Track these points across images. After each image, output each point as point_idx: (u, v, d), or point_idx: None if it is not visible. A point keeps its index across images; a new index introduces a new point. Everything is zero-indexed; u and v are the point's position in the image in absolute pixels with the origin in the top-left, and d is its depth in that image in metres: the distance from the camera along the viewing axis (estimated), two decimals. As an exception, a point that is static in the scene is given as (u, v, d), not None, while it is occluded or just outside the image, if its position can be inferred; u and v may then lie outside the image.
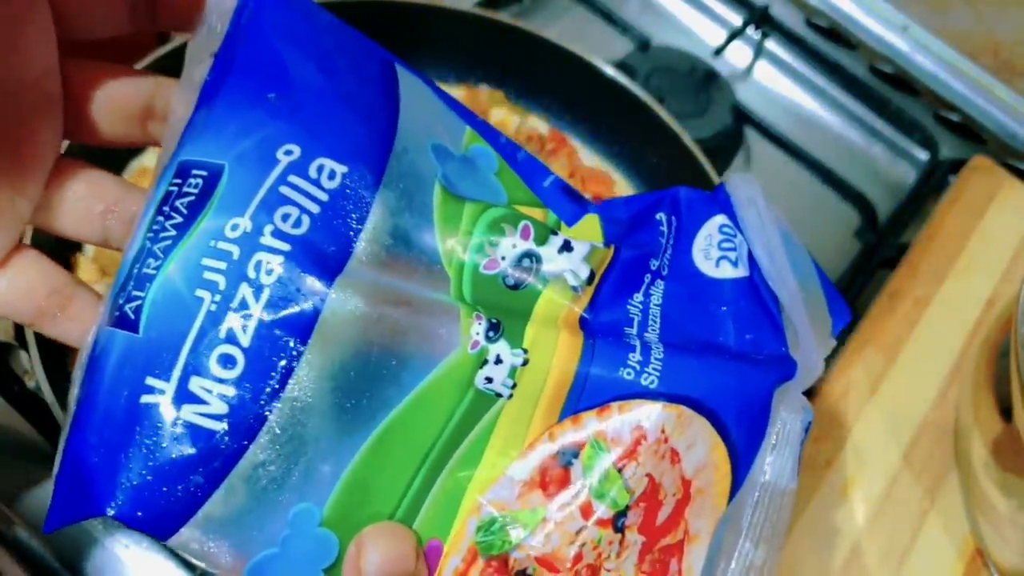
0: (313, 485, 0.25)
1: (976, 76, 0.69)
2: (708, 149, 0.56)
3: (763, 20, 0.72)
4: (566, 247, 0.29)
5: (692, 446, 0.27)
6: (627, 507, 0.26)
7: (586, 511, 0.26)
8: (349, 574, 0.25)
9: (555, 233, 0.29)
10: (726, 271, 0.30)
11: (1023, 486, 0.43)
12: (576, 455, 0.26)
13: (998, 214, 0.59)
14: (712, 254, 0.30)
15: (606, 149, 0.62)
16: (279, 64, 0.26)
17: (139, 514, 0.23)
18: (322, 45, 0.28)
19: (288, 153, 0.25)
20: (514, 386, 0.26)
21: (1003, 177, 0.62)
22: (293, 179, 0.25)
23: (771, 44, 0.74)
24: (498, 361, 0.26)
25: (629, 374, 0.27)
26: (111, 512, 0.23)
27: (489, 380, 0.26)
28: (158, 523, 0.24)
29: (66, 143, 0.27)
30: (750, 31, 0.72)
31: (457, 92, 0.58)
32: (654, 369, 0.27)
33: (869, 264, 0.61)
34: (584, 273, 0.29)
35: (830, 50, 0.72)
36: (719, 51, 0.71)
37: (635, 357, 0.27)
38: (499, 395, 0.26)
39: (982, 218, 0.59)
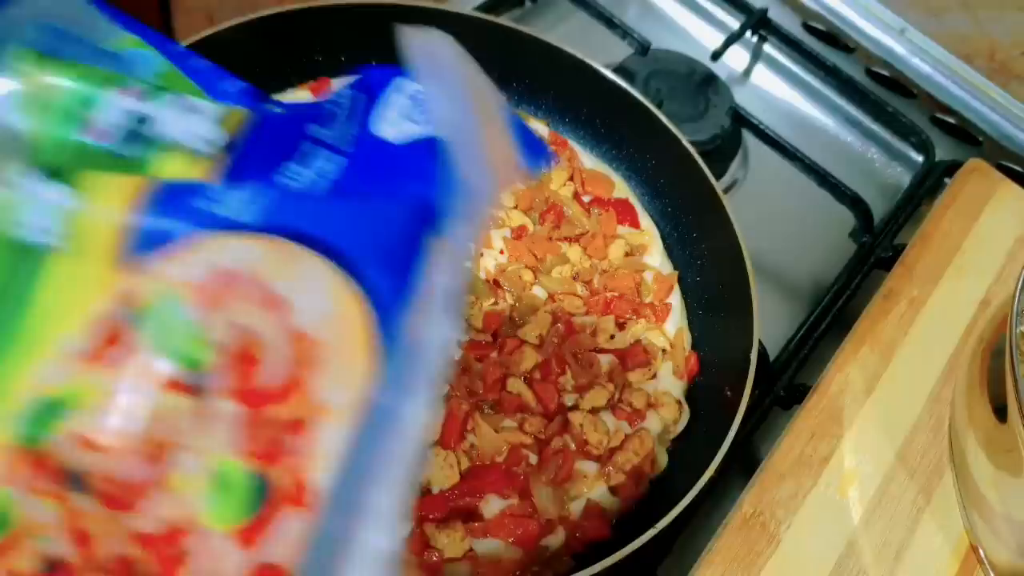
0: None
1: (972, 79, 0.70)
2: (706, 151, 0.56)
3: (761, 24, 0.73)
4: (190, 108, 0.26)
5: (305, 292, 0.23)
6: (209, 367, 0.22)
7: (154, 376, 0.21)
8: None
9: (174, 93, 0.26)
10: (408, 130, 0.27)
11: (1017, 484, 0.44)
12: (143, 310, 0.22)
13: (992, 216, 0.60)
14: (393, 117, 0.28)
15: (606, 151, 0.62)
16: None
17: None
18: None
19: None
20: (65, 236, 0.22)
21: (998, 179, 0.62)
22: None
23: (769, 48, 0.74)
24: (40, 203, 0.22)
25: (209, 206, 0.23)
26: None
27: (28, 224, 0.22)
28: None
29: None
30: (748, 35, 0.73)
31: (458, 95, 0.59)
32: (250, 202, 0.23)
33: (865, 265, 0.61)
34: (212, 135, 0.25)
35: (827, 53, 0.73)
36: (717, 55, 0.71)
37: (224, 192, 0.23)
38: (46, 246, 0.22)
39: (977, 220, 0.60)
